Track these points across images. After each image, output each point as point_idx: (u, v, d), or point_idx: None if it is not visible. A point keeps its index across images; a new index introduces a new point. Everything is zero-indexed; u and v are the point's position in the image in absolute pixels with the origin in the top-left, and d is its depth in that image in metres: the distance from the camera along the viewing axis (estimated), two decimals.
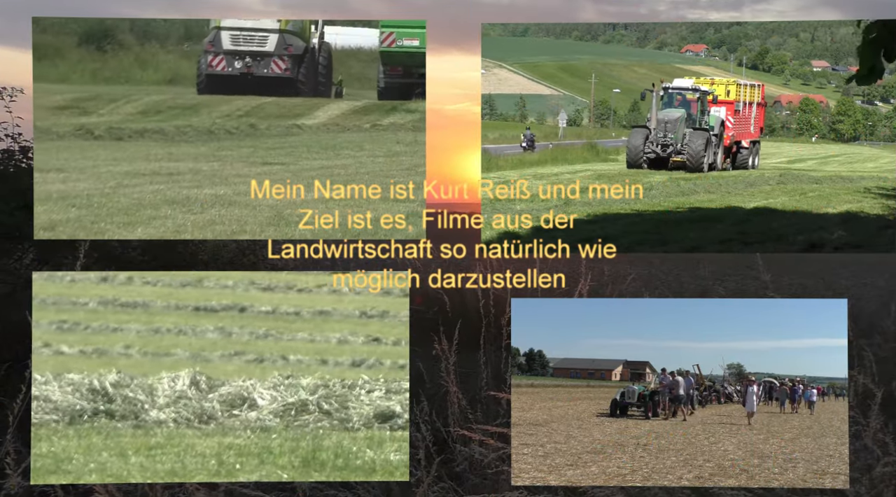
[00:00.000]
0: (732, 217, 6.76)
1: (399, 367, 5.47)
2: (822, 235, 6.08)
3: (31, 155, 8.13)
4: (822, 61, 12.26)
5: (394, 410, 5.15)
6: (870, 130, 10.34)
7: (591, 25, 11.20)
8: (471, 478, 5.11)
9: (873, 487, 4.72)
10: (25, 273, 6.96)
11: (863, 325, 7.35)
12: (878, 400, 4.97)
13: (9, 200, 7.58)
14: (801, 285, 11.21)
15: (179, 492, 4.79)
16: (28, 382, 4.91)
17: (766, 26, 12.33)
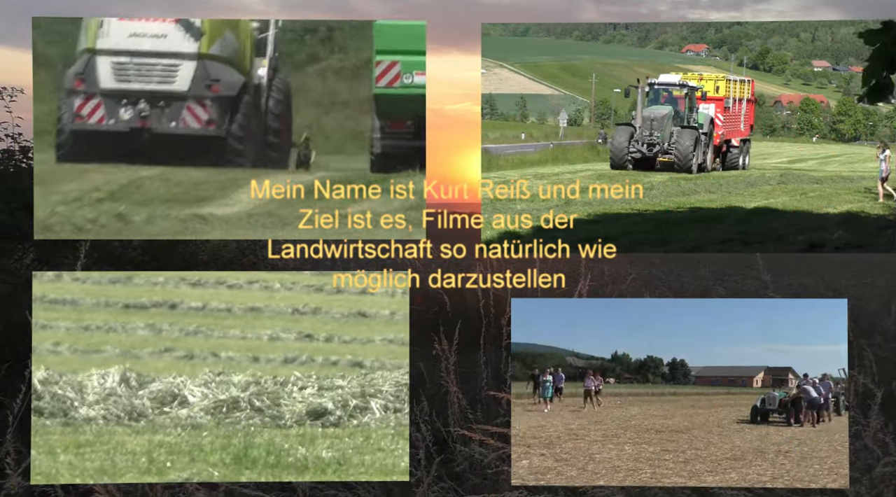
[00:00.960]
0: (733, 217, 6.75)
1: (331, 363, 5.45)
2: (822, 235, 6.07)
3: (30, 155, 8.13)
4: (822, 61, 12.23)
5: (326, 407, 5.11)
6: (870, 130, 10.32)
7: (591, 25, 11.19)
8: (471, 478, 5.11)
9: (873, 487, 4.72)
10: (25, 273, 6.95)
11: (863, 325, 7.35)
12: (878, 400, 4.97)
13: (9, 200, 7.57)
14: (801, 285, 11.21)
15: (179, 492, 4.79)
16: (28, 382, 4.91)
17: (767, 26, 12.31)
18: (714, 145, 9.80)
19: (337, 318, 6.23)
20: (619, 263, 9.01)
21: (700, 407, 5.61)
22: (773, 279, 6.42)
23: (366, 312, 6.47)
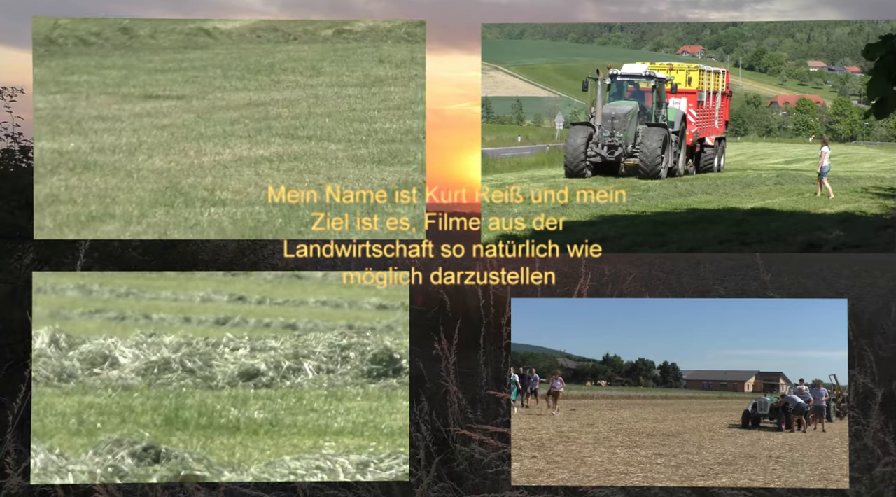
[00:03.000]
0: (730, 218, 6.76)
1: (264, 325, 5.39)
2: (820, 235, 6.08)
3: (30, 155, 8.12)
4: (818, 61, 12.25)
5: (258, 369, 5.07)
6: (867, 130, 10.32)
7: (587, 28, 11.02)
8: (471, 478, 5.11)
9: (873, 487, 4.73)
10: (25, 273, 6.94)
11: (863, 325, 7.36)
12: (878, 400, 4.98)
13: (9, 200, 7.56)
14: (801, 285, 11.22)
15: (179, 492, 4.78)
16: (28, 382, 4.90)
17: (763, 27, 12.33)
18: (687, 145, 8.75)
19: (269, 280, 6.11)
20: (619, 263, 9.01)
21: (692, 411, 5.62)
22: (773, 279, 6.43)
23: (300, 274, 6.37)
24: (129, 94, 6.17)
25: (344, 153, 5.31)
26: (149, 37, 6.05)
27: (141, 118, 5.78)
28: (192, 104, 6.09)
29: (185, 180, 4.96)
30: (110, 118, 5.84)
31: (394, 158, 5.16)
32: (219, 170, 5.07)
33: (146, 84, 6.20)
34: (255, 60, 6.36)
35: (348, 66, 6.50)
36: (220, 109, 5.98)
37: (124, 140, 5.50)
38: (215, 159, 5.23)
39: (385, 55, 6.44)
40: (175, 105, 6.05)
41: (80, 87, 6.08)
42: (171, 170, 5.05)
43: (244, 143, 5.44)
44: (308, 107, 5.98)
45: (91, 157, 5.21)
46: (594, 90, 8.97)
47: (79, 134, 5.55)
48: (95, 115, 5.83)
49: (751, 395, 5.38)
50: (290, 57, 6.57)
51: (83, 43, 5.85)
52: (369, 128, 5.56)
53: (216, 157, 5.25)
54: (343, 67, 6.51)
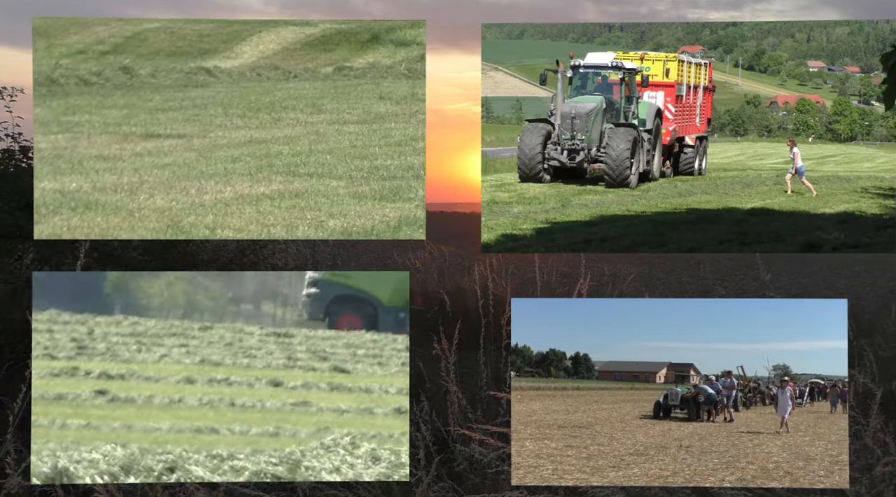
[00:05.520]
0: (730, 218, 6.75)
1: None
2: (819, 235, 6.08)
3: (30, 155, 8.12)
4: (818, 61, 12.24)
5: None
6: (866, 130, 10.31)
7: (587, 28, 10.95)
8: (471, 478, 5.11)
9: (873, 487, 4.73)
10: (25, 273, 6.95)
11: (863, 325, 7.37)
12: (878, 400, 4.98)
13: (9, 200, 7.57)
14: (801, 285, 11.23)
15: (179, 491, 4.78)
16: (28, 382, 4.90)
17: (762, 27, 12.33)
18: (663, 145, 7.72)
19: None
20: (619, 263, 9.02)
21: (604, 402, 5.62)
22: (773, 279, 6.43)
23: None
24: (131, 133, 6.20)
25: (345, 190, 5.31)
26: (149, 76, 6.20)
27: (142, 157, 5.82)
28: (193, 143, 6.11)
29: (187, 219, 4.98)
30: (111, 158, 5.88)
31: (395, 195, 5.17)
32: (220, 208, 5.10)
33: (147, 123, 6.23)
34: (255, 98, 6.44)
35: (349, 103, 6.51)
36: (221, 147, 6.01)
37: (125, 179, 5.53)
38: (217, 197, 5.25)
39: (385, 92, 6.46)
40: (176, 144, 6.06)
41: (81, 127, 6.11)
42: (172, 209, 5.07)
43: (245, 180, 5.46)
44: (309, 144, 6.01)
45: (92, 197, 5.24)
46: (554, 83, 7.99)
47: (80, 173, 5.60)
48: (96, 154, 5.88)
49: (662, 386, 5.40)
50: (290, 94, 6.61)
51: (84, 82, 5.89)
52: (370, 164, 5.59)
53: (217, 195, 5.28)
54: (344, 104, 6.51)
